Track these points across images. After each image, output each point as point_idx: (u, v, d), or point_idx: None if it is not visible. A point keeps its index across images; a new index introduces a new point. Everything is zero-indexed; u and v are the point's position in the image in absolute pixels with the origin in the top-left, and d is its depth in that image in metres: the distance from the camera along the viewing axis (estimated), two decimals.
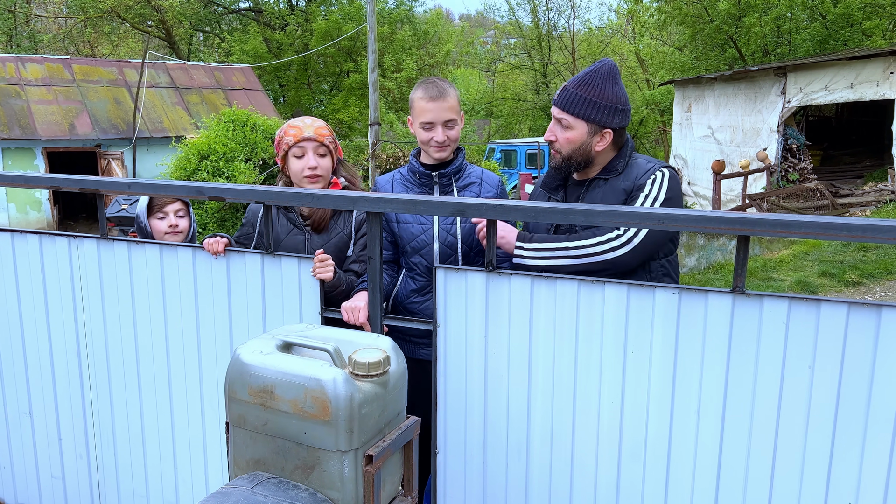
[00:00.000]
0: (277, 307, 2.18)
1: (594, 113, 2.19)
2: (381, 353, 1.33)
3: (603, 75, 2.22)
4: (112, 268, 2.35)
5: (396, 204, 1.95)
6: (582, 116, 2.20)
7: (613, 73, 2.25)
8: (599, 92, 2.20)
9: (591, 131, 2.21)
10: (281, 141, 2.54)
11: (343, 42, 23.37)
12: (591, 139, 2.22)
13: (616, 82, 2.24)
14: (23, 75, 17.13)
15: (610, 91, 2.21)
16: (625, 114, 2.24)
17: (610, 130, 2.22)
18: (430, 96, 2.42)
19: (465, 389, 2.01)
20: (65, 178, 2.34)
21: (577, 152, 2.24)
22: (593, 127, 2.21)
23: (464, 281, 1.95)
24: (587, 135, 2.22)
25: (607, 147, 2.25)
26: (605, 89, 2.20)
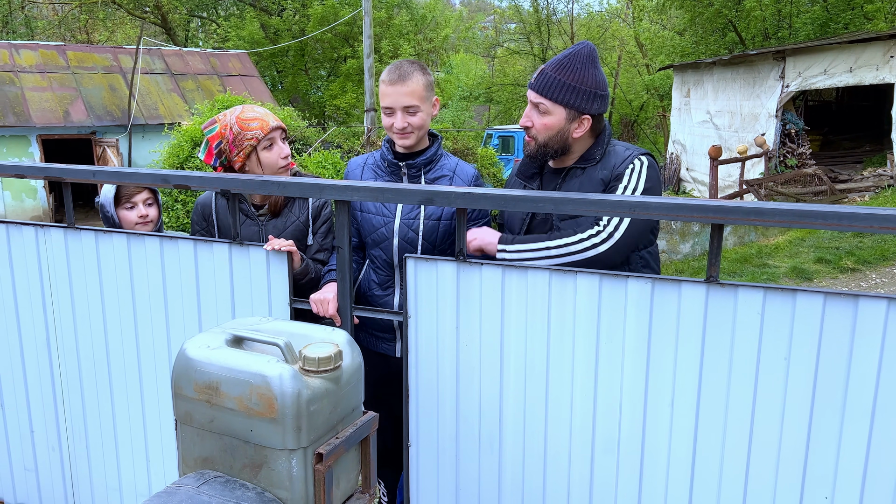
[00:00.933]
0: (246, 298, 2.13)
1: (573, 98, 2.12)
2: (332, 347, 1.28)
3: (582, 59, 2.14)
4: (80, 258, 2.30)
5: (364, 192, 1.89)
6: (560, 101, 2.13)
7: (593, 57, 2.17)
8: (579, 76, 2.12)
9: (570, 117, 2.14)
10: (242, 137, 2.34)
11: (340, 27, 23.18)
12: (568, 125, 2.15)
13: (595, 66, 2.17)
14: (17, 62, 17.00)
15: (589, 75, 2.13)
16: (604, 99, 2.17)
17: (588, 117, 2.14)
18: (389, 80, 2.30)
19: (437, 381, 1.97)
20: (28, 166, 2.28)
21: (554, 139, 2.16)
22: (572, 113, 2.13)
23: (434, 271, 1.90)
24: (565, 121, 2.14)
25: (585, 134, 2.18)
26: (584, 73, 2.12)
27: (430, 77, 2.35)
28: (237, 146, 2.35)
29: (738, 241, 8.80)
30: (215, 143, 2.36)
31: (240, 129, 2.35)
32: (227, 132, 2.35)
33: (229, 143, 2.36)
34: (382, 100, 2.32)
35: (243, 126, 2.35)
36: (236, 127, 2.35)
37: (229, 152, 2.36)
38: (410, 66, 2.32)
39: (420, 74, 2.31)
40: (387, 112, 2.32)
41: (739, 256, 7.94)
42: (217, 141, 2.36)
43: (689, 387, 1.71)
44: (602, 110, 2.17)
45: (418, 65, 2.35)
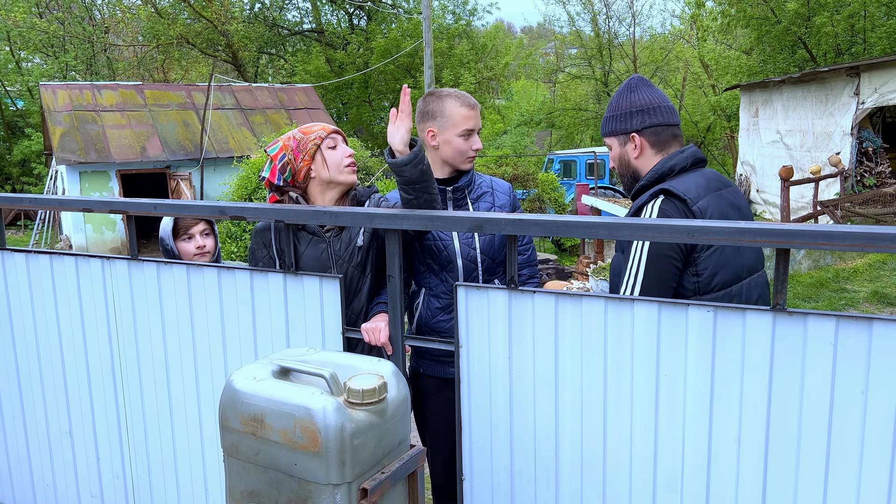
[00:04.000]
0: (300, 327, 2.14)
1: (613, 125, 2.20)
2: (377, 379, 1.25)
3: (620, 90, 2.25)
4: (143, 288, 2.36)
5: (414, 220, 1.88)
6: (608, 133, 2.23)
7: (630, 84, 2.24)
8: (615, 105, 2.21)
9: (621, 142, 2.18)
10: (305, 141, 2.37)
11: (402, 59, 23.63)
12: (624, 149, 2.18)
13: (631, 90, 2.22)
14: (99, 101, 17.97)
15: (624, 99, 2.20)
16: (645, 113, 2.15)
17: (635, 134, 2.14)
18: (469, 104, 2.40)
19: (490, 413, 1.92)
20: (95, 200, 2.37)
21: (620, 166, 2.22)
22: (621, 138, 2.18)
23: (485, 299, 1.86)
24: (619, 146, 2.19)
25: (648, 152, 2.15)
26: (619, 100, 2.21)
27: (420, 112, 2.51)
28: (301, 151, 2.37)
29: (814, 265, 8.42)
30: (279, 157, 2.38)
31: (303, 136, 2.40)
32: (290, 142, 2.39)
33: (294, 151, 2.38)
34: (464, 123, 2.37)
35: (305, 132, 2.41)
36: (299, 134, 2.41)
37: (294, 160, 2.36)
38: None
39: (417, 108, 2.49)
40: (466, 135, 2.36)
41: (815, 281, 7.59)
42: (281, 155, 2.38)
43: (757, 422, 1.60)
44: (647, 123, 2.14)
45: (424, 98, 2.52)
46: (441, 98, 2.40)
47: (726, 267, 1.96)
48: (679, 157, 2.09)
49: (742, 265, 2.01)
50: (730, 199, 2.10)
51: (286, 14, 28.75)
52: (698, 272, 1.95)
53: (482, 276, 2.35)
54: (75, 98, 17.73)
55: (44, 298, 2.54)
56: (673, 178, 2.06)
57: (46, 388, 2.62)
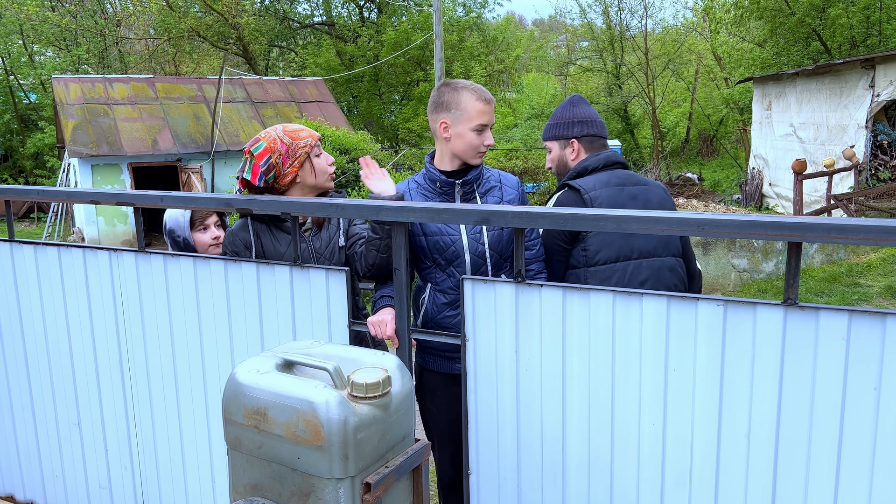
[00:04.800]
0: (307, 320, 2.13)
1: (556, 131, 2.63)
2: (381, 373, 1.24)
3: (563, 104, 2.69)
4: (150, 281, 2.36)
5: (420, 213, 1.86)
6: (550, 137, 2.65)
7: (572, 100, 2.68)
8: (559, 115, 2.64)
9: (561, 146, 2.62)
10: (295, 147, 2.34)
11: (412, 51, 23.57)
12: (563, 152, 2.62)
13: (574, 105, 2.65)
14: (111, 95, 18.03)
15: (567, 112, 2.63)
16: (583, 124, 2.59)
17: (574, 140, 2.58)
18: (485, 99, 2.36)
19: (497, 407, 1.90)
20: (102, 192, 2.37)
21: (558, 166, 2.65)
22: (562, 142, 2.61)
23: (492, 293, 1.85)
24: (559, 149, 2.63)
25: (582, 156, 2.58)
26: (563, 112, 2.64)
27: (433, 102, 2.48)
28: (290, 157, 2.34)
29: (826, 259, 8.34)
30: (263, 159, 2.33)
31: (291, 140, 2.35)
32: (277, 145, 2.34)
33: (283, 156, 2.34)
34: (479, 117, 2.32)
35: (294, 137, 2.36)
36: (287, 138, 2.35)
37: (282, 165, 2.34)
38: None
39: (430, 100, 2.49)
40: (480, 129, 2.32)
41: (828, 275, 7.51)
42: (266, 157, 2.33)
43: (767, 418, 1.58)
44: (583, 132, 2.58)
45: (437, 88, 2.47)
46: (457, 90, 2.35)
47: (610, 246, 2.34)
48: (593, 159, 2.50)
49: (632, 247, 2.35)
50: (634, 192, 2.44)
51: (297, 7, 28.73)
52: (586, 248, 2.34)
53: (490, 272, 2.33)
54: (87, 91, 17.80)
55: (52, 290, 2.55)
56: (586, 175, 2.48)
57: (55, 379, 2.63)
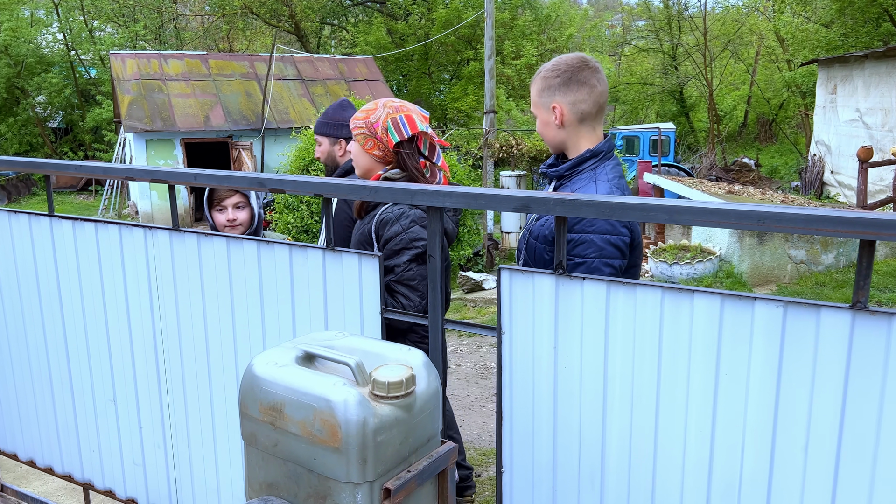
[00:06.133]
0: (339, 305, 2.06)
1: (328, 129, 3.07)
2: (405, 370, 1.16)
3: (334, 106, 3.08)
4: (184, 260, 2.33)
5: (456, 198, 1.76)
6: (321, 133, 3.06)
7: (342, 104, 3.05)
8: (330, 115, 3.00)
9: (331, 142, 3.09)
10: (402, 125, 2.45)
11: (463, 30, 23.31)
12: (333, 148, 3.07)
13: (344, 109, 3.04)
14: (165, 71, 18.34)
15: (338, 114, 2.98)
16: None
17: (342, 140, 2.89)
18: None
19: (533, 404, 1.81)
20: (137, 169, 2.34)
21: (327, 160, 3.07)
22: (332, 139, 3.04)
23: (531, 284, 1.74)
24: (329, 144, 3.03)
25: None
26: (334, 113, 3.05)
27: (548, 82, 2.15)
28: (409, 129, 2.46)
29: (891, 253, 7.94)
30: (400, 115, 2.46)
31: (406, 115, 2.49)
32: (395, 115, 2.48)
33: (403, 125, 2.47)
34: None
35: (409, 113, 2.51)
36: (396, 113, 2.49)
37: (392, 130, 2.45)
38: (539, 71, 2.19)
39: (537, 80, 2.18)
40: None
41: (893, 270, 7.15)
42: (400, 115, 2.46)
43: (829, 431, 1.45)
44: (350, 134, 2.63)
45: (544, 69, 2.18)
46: (597, 72, 2.12)
47: None
48: None
49: None
50: None
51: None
52: None
53: None
54: (143, 67, 18.14)
55: (90, 267, 2.54)
56: None
57: (92, 355, 2.63)
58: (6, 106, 23.30)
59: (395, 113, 2.46)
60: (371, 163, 2.54)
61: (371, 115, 2.50)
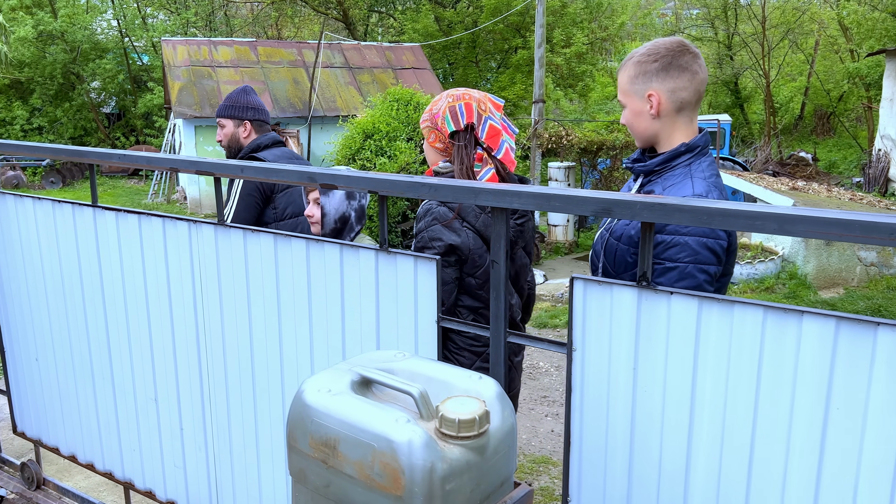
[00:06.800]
0: (392, 310, 1.91)
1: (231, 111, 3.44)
2: (478, 405, 0.99)
3: (238, 91, 3.32)
4: (229, 256, 2.20)
5: (526, 198, 1.58)
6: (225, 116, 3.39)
7: (245, 89, 3.39)
8: (234, 99, 3.34)
9: (236, 124, 3.40)
10: None
11: (512, 17, 22.93)
12: (237, 130, 3.37)
13: (247, 94, 3.39)
14: (215, 57, 18.46)
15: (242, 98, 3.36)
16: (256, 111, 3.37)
17: (248, 122, 3.26)
18: None
19: (606, 428, 1.62)
20: (182, 159, 2.22)
21: (230, 141, 3.33)
22: (236, 121, 3.41)
23: (608, 297, 1.56)
24: (233, 126, 3.36)
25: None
26: (238, 97, 3.35)
27: (642, 68, 1.93)
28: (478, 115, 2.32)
29: None
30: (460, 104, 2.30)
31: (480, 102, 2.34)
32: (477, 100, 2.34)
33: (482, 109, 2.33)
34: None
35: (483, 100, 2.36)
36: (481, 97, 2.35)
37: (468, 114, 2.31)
38: (630, 55, 1.97)
39: (629, 66, 1.96)
40: None
41: None
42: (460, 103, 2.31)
43: None
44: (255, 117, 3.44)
45: (638, 53, 1.96)
46: (698, 58, 1.92)
47: (293, 204, 3.23)
48: (264, 139, 3.47)
49: None
50: None
51: None
52: (276, 206, 3.21)
53: None
54: (193, 54, 18.30)
55: (132, 260, 2.44)
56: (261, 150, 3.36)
57: (134, 351, 2.54)
58: (62, 91, 23.83)
59: (456, 101, 2.29)
60: (436, 156, 2.38)
61: (434, 107, 2.34)
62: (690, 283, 1.81)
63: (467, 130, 2.28)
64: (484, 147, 2.27)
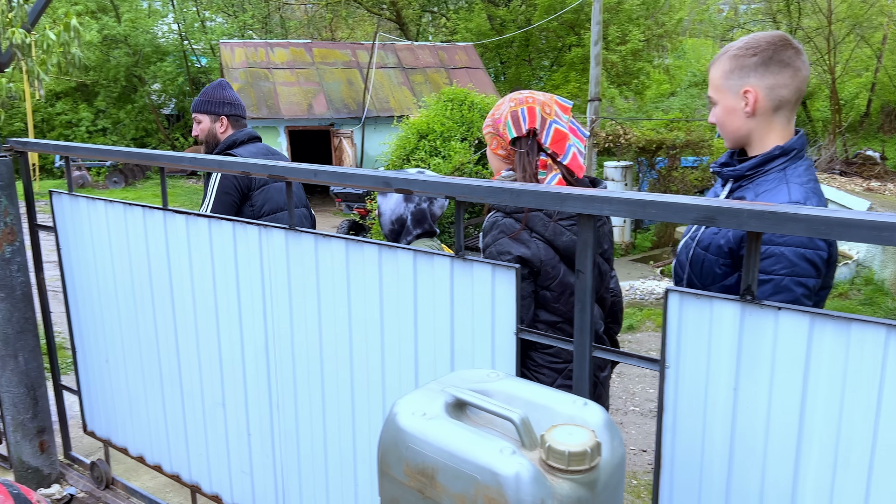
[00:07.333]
0: (467, 320, 1.83)
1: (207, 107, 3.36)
2: (587, 436, 0.91)
3: (212, 85, 3.30)
4: (299, 261, 2.17)
5: (618, 205, 1.49)
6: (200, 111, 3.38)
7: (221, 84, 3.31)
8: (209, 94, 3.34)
9: (212, 120, 3.37)
10: None
11: (566, 15, 22.65)
12: (213, 125, 3.32)
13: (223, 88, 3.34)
14: (271, 59, 18.77)
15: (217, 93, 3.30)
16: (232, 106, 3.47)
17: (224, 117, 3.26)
18: None
19: (702, 452, 1.52)
20: (254, 163, 2.19)
21: (207, 136, 3.37)
22: (213, 117, 3.38)
23: (707, 311, 1.45)
24: (209, 122, 3.35)
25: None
26: (213, 92, 3.28)
27: (739, 62, 1.80)
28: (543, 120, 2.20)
29: None
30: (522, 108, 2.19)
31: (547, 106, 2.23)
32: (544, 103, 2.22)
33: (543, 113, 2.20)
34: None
35: None
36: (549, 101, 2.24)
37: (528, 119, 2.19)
38: (725, 49, 1.84)
39: (723, 60, 1.83)
40: None
41: None
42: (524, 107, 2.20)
43: None
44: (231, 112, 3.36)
45: (734, 47, 1.83)
46: (800, 54, 1.80)
47: (270, 201, 3.22)
48: (240, 134, 3.36)
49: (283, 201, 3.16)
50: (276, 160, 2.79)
51: None
52: (252, 204, 3.19)
53: None
54: (250, 55, 18.62)
55: (202, 264, 2.43)
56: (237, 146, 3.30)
57: (202, 355, 2.53)
58: (125, 93, 24.58)
59: (518, 106, 2.16)
60: (499, 164, 2.28)
61: (496, 112, 2.24)
62: (787, 296, 1.69)
63: (529, 136, 2.16)
64: (548, 153, 2.15)
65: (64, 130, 24.15)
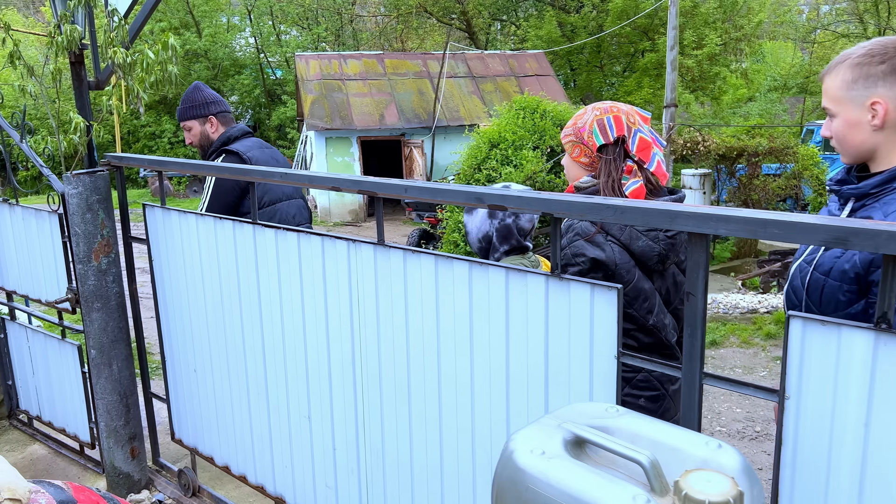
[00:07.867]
0: (563, 343, 1.77)
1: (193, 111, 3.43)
2: (729, 485, 0.83)
3: (190, 90, 3.23)
4: (387, 276, 2.14)
5: (735, 224, 1.40)
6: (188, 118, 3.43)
7: (197, 86, 3.26)
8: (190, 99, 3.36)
9: (202, 123, 3.42)
10: None
11: (639, 20, 22.23)
12: (204, 128, 3.44)
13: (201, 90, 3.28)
14: (344, 71, 19.11)
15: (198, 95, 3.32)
16: (216, 104, 3.41)
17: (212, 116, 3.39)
18: None
19: (826, 491, 1.40)
20: (344, 179, 2.18)
21: (201, 140, 3.44)
22: (201, 120, 3.40)
23: (835, 339, 1.34)
24: (199, 126, 3.45)
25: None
26: (193, 96, 3.30)
27: (865, 70, 1.65)
28: None
29: None
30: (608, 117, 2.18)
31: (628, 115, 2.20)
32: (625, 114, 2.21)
33: None
34: None
35: None
36: None
37: None
38: (842, 57, 1.70)
39: (843, 68, 1.68)
40: None
41: None
42: None
43: None
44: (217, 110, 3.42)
45: (855, 53, 1.68)
46: None
47: (270, 192, 3.27)
48: (233, 130, 3.36)
49: (281, 193, 3.32)
50: (271, 152, 3.39)
51: None
52: None
53: None
54: (325, 67, 19.01)
55: (290, 278, 2.44)
56: (232, 142, 3.29)
57: (289, 368, 2.54)
58: None
59: (603, 115, 2.17)
60: (579, 171, 2.24)
61: (579, 121, 2.22)
62: None
63: (617, 143, 2.14)
64: (635, 160, 2.13)
65: (148, 142, 25.26)
